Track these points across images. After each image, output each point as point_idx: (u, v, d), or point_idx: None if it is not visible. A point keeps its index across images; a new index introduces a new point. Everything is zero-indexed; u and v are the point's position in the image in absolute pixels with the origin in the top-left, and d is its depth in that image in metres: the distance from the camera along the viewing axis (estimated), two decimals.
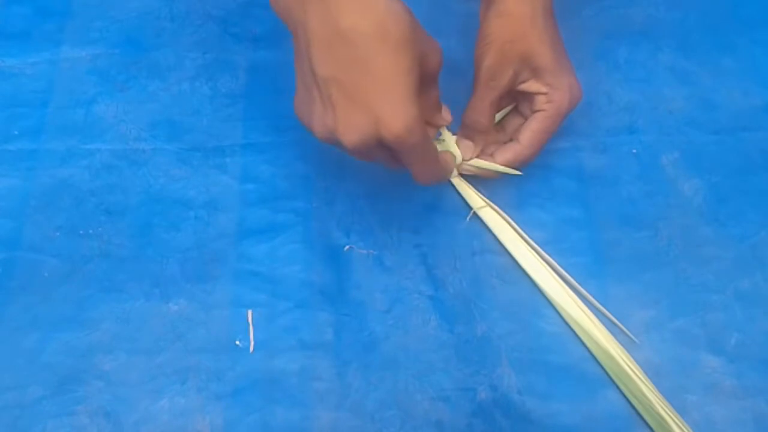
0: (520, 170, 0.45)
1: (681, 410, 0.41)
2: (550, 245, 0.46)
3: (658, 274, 0.45)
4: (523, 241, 0.46)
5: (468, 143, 0.45)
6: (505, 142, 0.46)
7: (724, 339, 0.44)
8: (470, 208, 0.47)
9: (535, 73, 0.42)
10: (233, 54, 0.52)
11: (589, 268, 0.45)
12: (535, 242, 0.46)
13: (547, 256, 0.45)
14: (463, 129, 0.45)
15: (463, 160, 0.46)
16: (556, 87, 0.42)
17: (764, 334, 0.44)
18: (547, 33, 0.42)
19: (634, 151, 0.49)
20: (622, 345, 0.43)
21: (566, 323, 0.44)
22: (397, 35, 0.33)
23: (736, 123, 0.50)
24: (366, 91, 0.34)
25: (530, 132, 0.44)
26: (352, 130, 0.35)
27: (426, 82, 0.38)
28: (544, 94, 0.43)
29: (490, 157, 0.45)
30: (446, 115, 0.43)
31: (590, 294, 0.44)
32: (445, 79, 0.51)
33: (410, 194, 0.48)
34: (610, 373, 0.42)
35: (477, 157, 0.46)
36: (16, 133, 0.49)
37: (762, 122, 0.50)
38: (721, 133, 0.50)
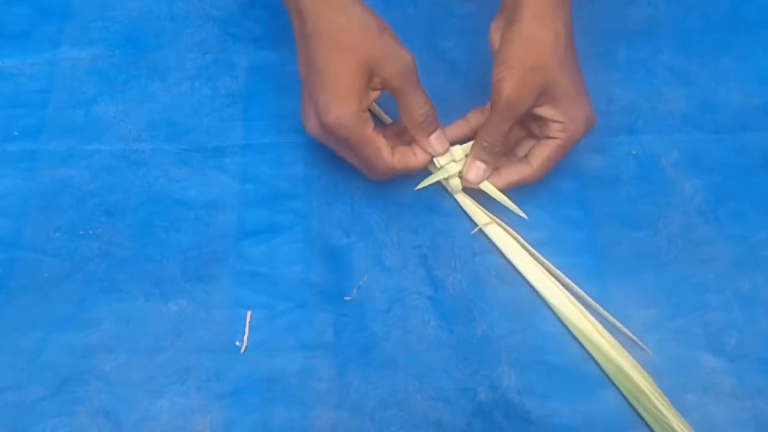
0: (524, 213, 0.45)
1: (681, 410, 0.41)
2: (550, 245, 0.46)
3: (658, 274, 0.45)
4: (529, 256, 0.45)
5: (480, 165, 0.44)
6: (506, 155, 0.46)
7: (724, 339, 0.44)
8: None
9: (553, 100, 0.41)
10: (233, 54, 0.52)
11: (588, 269, 0.45)
12: (535, 242, 0.46)
13: (556, 270, 0.45)
14: (476, 151, 0.44)
15: (472, 181, 0.45)
16: (573, 117, 0.42)
17: (764, 334, 0.44)
18: (568, 60, 0.41)
19: (634, 151, 0.49)
20: (624, 347, 0.43)
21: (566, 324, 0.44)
22: (345, 41, 0.39)
23: (736, 123, 0.50)
24: (315, 86, 0.40)
25: (541, 159, 0.43)
26: (306, 119, 0.42)
27: (395, 90, 0.41)
28: (560, 122, 0.42)
29: (497, 172, 0.45)
30: (435, 143, 0.44)
31: (590, 295, 0.44)
32: (445, 78, 0.51)
33: (410, 195, 0.47)
34: (613, 378, 0.42)
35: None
36: (16, 133, 0.49)
37: (762, 122, 0.50)
38: (721, 133, 0.50)
